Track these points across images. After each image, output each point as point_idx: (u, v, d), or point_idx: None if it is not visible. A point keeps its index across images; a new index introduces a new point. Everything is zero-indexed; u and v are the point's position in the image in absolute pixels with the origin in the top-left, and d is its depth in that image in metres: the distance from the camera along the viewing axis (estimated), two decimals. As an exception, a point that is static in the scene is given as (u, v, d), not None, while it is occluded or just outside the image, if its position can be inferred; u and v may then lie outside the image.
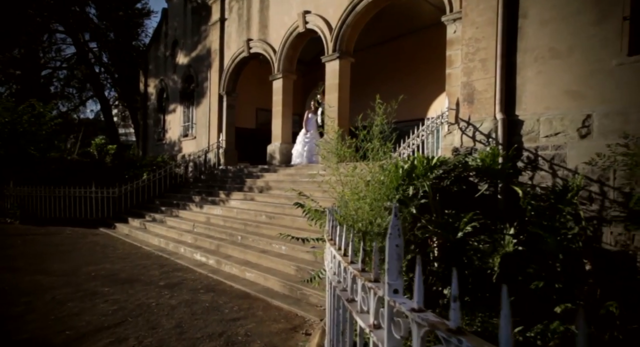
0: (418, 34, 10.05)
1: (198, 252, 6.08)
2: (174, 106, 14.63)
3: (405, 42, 10.38)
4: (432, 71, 9.66)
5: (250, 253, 5.45)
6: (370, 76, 10.98)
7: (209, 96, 12.39)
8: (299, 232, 5.45)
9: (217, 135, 11.95)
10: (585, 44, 4.54)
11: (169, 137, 15.03)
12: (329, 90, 8.22)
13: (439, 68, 9.47)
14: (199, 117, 13.09)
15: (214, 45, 12.06)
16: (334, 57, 8.02)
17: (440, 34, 9.71)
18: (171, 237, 7.42)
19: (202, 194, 9.44)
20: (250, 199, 7.84)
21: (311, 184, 7.23)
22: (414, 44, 10.17)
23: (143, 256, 6.40)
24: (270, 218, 6.47)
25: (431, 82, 9.68)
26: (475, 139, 5.45)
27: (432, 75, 9.68)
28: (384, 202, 2.99)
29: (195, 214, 8.14)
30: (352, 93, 8.47)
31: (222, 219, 7.26)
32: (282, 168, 8.84)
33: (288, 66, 9.61)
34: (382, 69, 10.91)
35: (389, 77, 10.67)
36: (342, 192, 3.29)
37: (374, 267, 1.23)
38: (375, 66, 11.03)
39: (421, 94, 9.84)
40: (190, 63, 13.54)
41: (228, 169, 10.70)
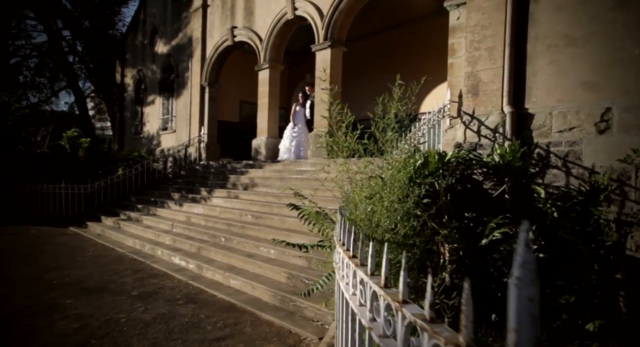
0: (414, 23, 9.63)
1: (177, 256, 5.52)
2: (152, 98, 13.84)
3: (399, 32, 9.95)
4: (429, 62, 9.27)
5: (235, 257, 4.92)
6: (361, 68, 10.52)
7: (190, 87, 11.70)
8: (290, 235, 4.96)
9: (199, 129, 11.29)
10: (604, 31, 4.19)
11: (147, 131, 14.24)
12: (319, 81, 7.72)
13: (437, 59, 9.10)
14: (179, 110, 12.38)
15: (196, 33, 11.37)
16: (325, 46, 7.52)
17: (438, 23, 9.29)
18: (147, 238, 6.81)
19: (182, 191, 8.82)
20: (235, 197, 7.29)
21: (301, 181, 6.74)
22: (409, 34, 9.74)
23: (115, 259, 5.79)
24: (256, 218, 5.95)
25: (428, 74, 9.28)
26: (480, 134, 5.06)
27: (429, 67, 9.29)
28: (401, 204, 2.53)
29: (174, 213, 7.53)
30: (343, 86, 7.99)
31: (204, 218, 6.69)
32: (268, 164, 8.31)
33: (275, 56, 9.06)
34: (374, 61, 10.46)
35: (382, 69, 10.22)
36: (352, 192, 2.80)
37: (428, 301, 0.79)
38: (367, 58, 10.56)
39: (432, 84, 9.43)
40: (170, 52, 12.79)
41: (210, 165, 10.09)
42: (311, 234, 4.80)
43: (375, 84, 10.33)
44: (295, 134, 8.76)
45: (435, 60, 9.06)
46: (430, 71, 9.49)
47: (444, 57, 8.88)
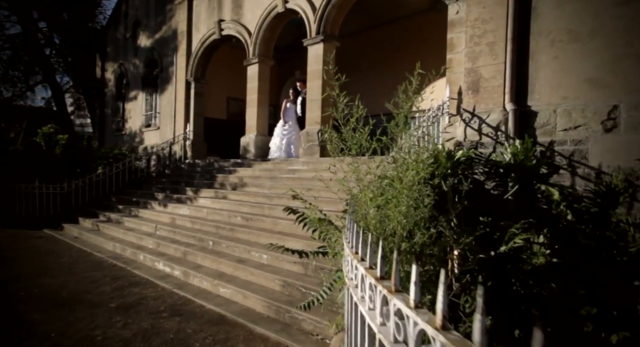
0: (407, 20, 9.41)
1: (161, 261, 5.17)
2: (134, 93, 13.31)
3: (392, 29, 9.72)
4: (423, 59, 9.07)
5: (224, 263, 4.61)
6: (352, 65, 10.24)
7: (174, 83, 11.25)
8: (283, 238, 4.68)
9: (184, 126, 10.87)
10: (611, 26, 4.03)
11: (129, 128, 13.70)
12: (311, 77, 7.44)
13: (431, 56, 8.91)
14: (163, 106, 11.91)
15: (181, 26, 10.93)
16: (318, 41, 7.24)
17: (432, 19, 9.10)
18: (129, 241, 6.42)
19: (166, 191, 8.42)
20: (223, 197, 6.96)
21: (292, 180, 6.45)
22: (402, 31, 9.51)
23: (93, 265, 5.40)
24: (246, 220, 5.65)
25: (437, 65, 9.09)
26: (481, 132, 4.87)
27: (423, 64, 9.10)
28: (419, 209, 2.28)
29: (158, 214, 7.15)
30: (335, 81, 7.72)
31: (190, 220, 6.34)
32: (257, 163, 7.99)
33: (265, 50, 8.72)
34: (365, 58, 10.22)
35: (373, 66, 10.01)
36: (361, 195, 2.55)
37: None
38: (358, 55, 10.31)
39: (425, 81, 9.23)
40: (153, 46, 12.29)
41: (196, 163, 9.70)
42: (307, 238, 4.53)
43: (366, 82, 10.12)
44: (286, 132, 8.46)
45: (430, 57, 8.89)
46: (425, 68, 9.29)
47: (439, 53, 8.73)
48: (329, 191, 5.68)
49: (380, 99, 9.73)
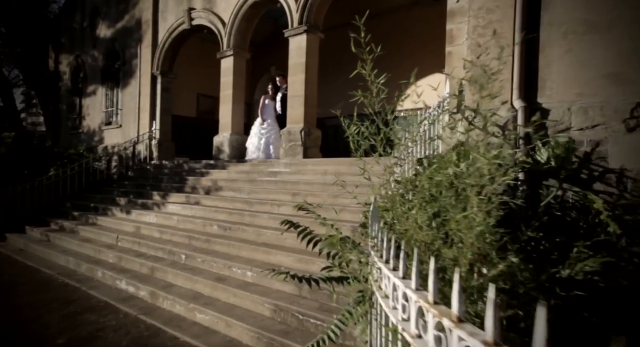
0: (392, 14, 9.01)
1: (123, 279, 4.40)
2: (93, 88, 12.16)
3: (376, 23, 9.24)
4: (410, 55, 8.70)
5: (201, 281, 3.93)
6: (332, 61, 9.73)
7: (138, 77, 10.30)
8: (269, 251, 4.06)
9: (149, 124, 9.95)
10: (632, 16, 3.73)
11: (86, 125, 12.52)
12: (293, 70, 6.85)
13: (418, 51, 8.56)
14: (125, 102, 10.90)
15: (146, 14, 10.00)
16: (300, 31, 6.65)
17: (417, 13, 8.75)
18: (85, 254, 5.56)
19: (130, 196, 7.54)
20: (195, 202, 6.22)
21: (275, 184, 5.83)
22: (387, 25, 9.09)
23: (39, 285, 4.54)
24: (224, 229, 4.96)
25: (410, 67, 8.70)
26: (487, 131, 4.46)
27: (410, 60, 8.71)
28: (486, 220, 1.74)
29: (120, 222, 6.30)
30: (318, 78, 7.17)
31: (158, 229, 5.57)
32: (233, 164, 7.29)
33: (240, 41, 8.03)
34: (350, 53, 9.70)
35: (355, 63, 9.53)
36: (394, 202, 1.99)
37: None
38: (338, 50, 9.77)
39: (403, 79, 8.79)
40: (114, 36, 11.24)
41: (163, 165, 8.84)
42: (297, 251, 3.94)
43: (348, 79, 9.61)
44: (265, 131, 7.80)
45: (417, 53, 8.53)
46: (412, 64, 8.93)
47: (426, 49, 8.41)
48: (318, 196, 5.12)
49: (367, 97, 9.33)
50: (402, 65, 8.99)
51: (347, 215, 4.34)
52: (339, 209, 4.63)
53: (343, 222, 4.06)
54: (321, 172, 5.64)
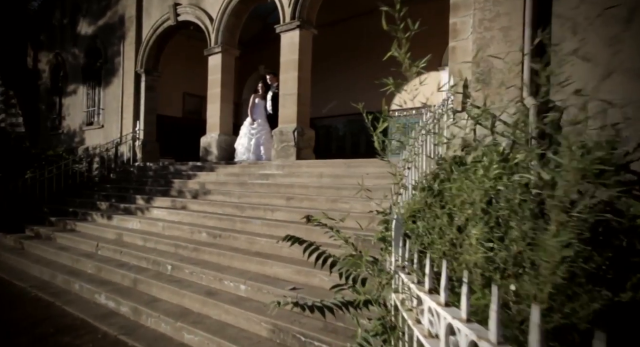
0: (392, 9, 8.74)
1: (103, 293, 4.01)
2: (74, 87, 11.62)
3: (368, 20, 8.96)
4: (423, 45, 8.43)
5: (189, 296, 3.57)
6: (329, 59, 9.42)
7: (121, 75, 9.84)
8: (264, 262, 3.73)
9: (133, 124, 9.49)
10: (650, 8, 3.53)
11: (67, 126, 11.96)
12: (285, 68, 6.52)
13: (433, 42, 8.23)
14: (108, 101, 10.41)
15: (129, 11, 9.56)
16: (293, 27, 6.33)
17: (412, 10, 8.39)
18: (61, 264, 5.13)
19: (112, 200, 7.11)
20: (182, 207, 5.84)
21: (267, 187, 5.50)
22: (380, 23, 8.79)
23: (10, 300, 4.12)
24: (214, 237, 4.60)
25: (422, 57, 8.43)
26: (495, 131, 4.21)
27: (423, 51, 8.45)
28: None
29: (101, 229, 5.87)
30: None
31: (141, 236, 5.17)
32: (222, 166, 6.92)
33: (229, 38, 7.68)
34: (342, 51, 9.42)
35: (348, 61, 9.25)
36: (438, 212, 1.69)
37: None
38: (331, 48, 9.50)
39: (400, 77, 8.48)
40: (96, 33, 10.75)
41: (147, 167, 8.41)
42: (296, 262, 3.61)
43: (341, 78, 9.35)
44: (255, 131, 7.45)
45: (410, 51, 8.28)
46: (400, 64, 8.62)
47: (420, 47, 8.15)
48: (315, 201, 4.80)
49: (357, 96, 8.97)
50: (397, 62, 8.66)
51: (350, 222, 4.02)
52: (340, 215, 4.33)
53: (346, 229, 3.75)
54: (317, 175, 5.33)
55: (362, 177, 5.03)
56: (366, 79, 9.10)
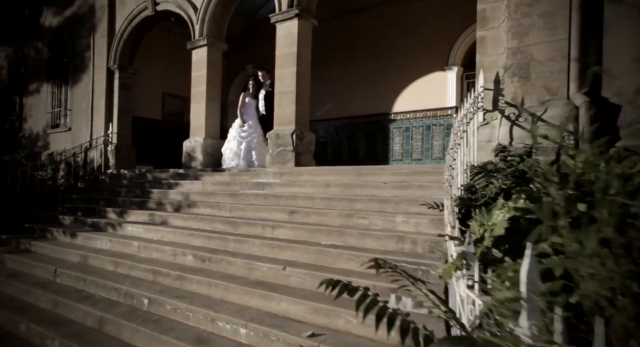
0: (384, 6, 8.09)
1: (57, 337, 3.10)
2: (36, 85, 10.48)
3: (374, 15, 8.29)
4: (404, 52, 7.84)
5: (172, 343, 2.74)
6: (325, 57, 8.67)
7: (91, 71, 8.84)
8: (269, 296, 2.95)
9: (105, 127, 8.51)
10: None
11: (28, 128, 10.78)
12: (281, 63, 5.77)
13: (413, 48, 7.68)
14: (76, 101, 9.37)
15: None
16: (291, 16, 5.60)
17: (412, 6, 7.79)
18: (7, 295, 4.15)
19: (77, 213, 6.14)
20: (162, 222, 4.96)
21: (264, 198, 4.70)
22: (387, 17, 8.10)
23: None
24: (202, 260, 3.77)
25: (404, 65, 7.83)
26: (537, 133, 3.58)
27: (404, 58, 7.86)
28: None
29: (62, 249, 4.91)
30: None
31: (112, 259, 4.27)
32: (208, 173, 6.08)
33: (215, 29, 6.87)
34: (341, 48, 8.70)
35: (352, 57, 8.54)
36: None
37: None
38: (333, 45, 8.73)
39: (411, 76, 7.82)
40: (62, 25, 9.70)
41: (122, 174, 7.45)
42: (309, 296, 2.83)
43: (336, 79, 8.65)
44: (246, 134, 6.63)
45: (412, 50, 7.70)
46: (409, 61, 8.07)
47: (423, 46, 7.59)
48: (324, 215, 4.04)
49: (354, 98, 8.27)
50: (398, 61, 8.13)
51: (371, 241, 3.29)
52: (358, 232, 3.60)
53: (368, 252, 3.02)
54: (322, 184, 4.57)
55: (377, 186, 4.35)
56: (363, 79, 8.46)
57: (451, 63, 7.27)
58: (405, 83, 7.84)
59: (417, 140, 7.69)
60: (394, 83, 7.95)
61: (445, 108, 7.34)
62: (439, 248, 2.84)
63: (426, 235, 3.10)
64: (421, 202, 3.42)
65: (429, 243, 2.94)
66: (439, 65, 7.40)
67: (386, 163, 8.00)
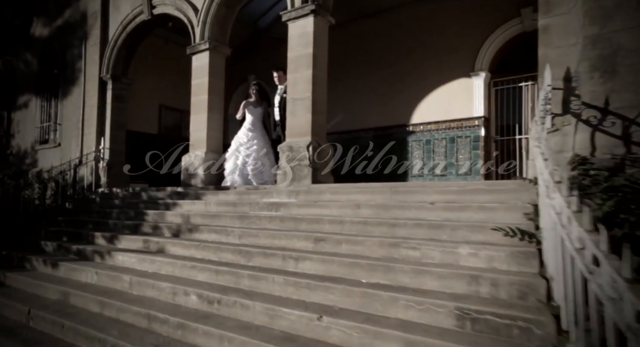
0: (392, 12, 7.55)
1: None
2: (25, 99, 9.82)
3: (394, 18, 7.67)
4: (419, 61, 7.24)
5: None
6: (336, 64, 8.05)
7: (83, 82, 8.20)
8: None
9: (96, 142, 7.82)
10: None
11: (16, 145, 10.07)
12: (294, 66, 5.12)
13: (428, 56, 7.08)
14: (66, 115, 8.69)
15: (93, 5, 8.04)
16: (306, 12, 4.98)
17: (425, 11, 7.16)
18: (-31, 348, 3.36)
19: (62, 238, 5.39)
20: (158, 250, 4.21)
21: (280, 222, 3.96)
22: (409, 19, 7.46)
23: None
24: (209, 302, 3.01)
25: (421, 74, 7.22)
26: (630, 140, 2.90)
27: (418, 67, 7.26)
28: None
29: (40, 284, 4.13)
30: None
31: (97, 298, 3.49)
32: (210, 192, 5.35)
33: (218, 33, 6.25)
34: (352, 56, 8.06)
35: (365, 65, 7.91)
36: None
37: None
38: (344, 52, 8.09)
39: (432, 84, 7.16)
40: (53, 35, 9.11)
41: (114, 193, 6.71)
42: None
43: (347, 88, 8.02)
44: (244, 147, 5.94)
45: (433, 55, 7.09)
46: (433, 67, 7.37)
47: (445, 51, 6.98)
48: (360, 244, 3.30)
49: (367, 109, 7.59)
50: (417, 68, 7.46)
51: (431, 281, 2.55)
52: (411, 269, 2.85)
53: (429, 296, 2.25)
54: (350, 205, 3.86)
55: (422, 208, 3.63)
56: (377, 89, 7.82)
57: (478, 68, 6.66)
58: (425, 92, 7.21)
59: (439, 154, 7.02)
60: (413, 92, 7.31)
61: (471, 118, 6.70)
62: (534, 294, 2.11)
63: (507, 274, 2.37)
64: (491, 227, 2.71)
65: (517, 286, 2.21)
66: (463, 71, 6.79)
67: (404, 179, 7.31)
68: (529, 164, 3.51)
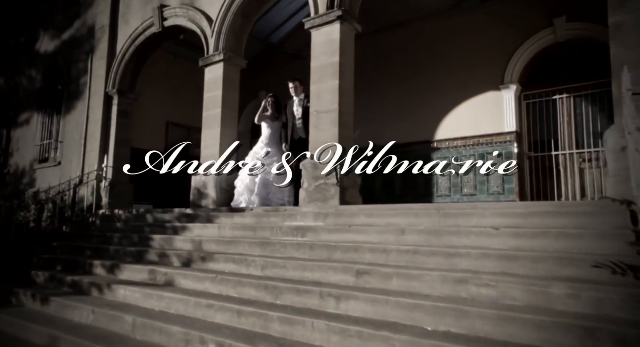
0: (438, 18, 7.10)
1: None
2: (27, 116, 9.43)
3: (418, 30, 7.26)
4: (438, 75, 6.83)
5: None
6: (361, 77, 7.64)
7: (87, 98, 7.80)
8: None
9: (99, 160, 7.34)
10: None
11: (14, 164, 9.60)
12: (319, 76, 4.67)
13: (490, 56, 6.50)
14: (68, 132, 8.26)
15: (101, 19, 7.73)
16: (332, 19, 4.57)
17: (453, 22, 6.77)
18: None
19: (57, 267, 4.81)
20: (166, 283, 3.62)
21: (308, 250, 3.38)
22: (433, 31, 7.06)
23: None
24: (233, 355, 2.42)
25: (443, 89, 6.79)
26: None
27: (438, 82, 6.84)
28: None
29: (25, 324, 3.53)
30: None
31: (94, 346, 2.90)
32: (224, 214, 4.81)
33: (234, 43, 5.86)
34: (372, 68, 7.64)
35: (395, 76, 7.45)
36: None
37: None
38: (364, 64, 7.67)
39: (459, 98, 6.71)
40: (59, 50, 8.80)
41: (116, 216, 6.17)
42: None
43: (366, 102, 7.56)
44: (267, 163, 5.43)
45: (459, 68, 6.68)
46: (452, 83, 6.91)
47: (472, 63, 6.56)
48: (416, 279, 2.71)
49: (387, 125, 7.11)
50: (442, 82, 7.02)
51: (523, 331, 1.97)
52: (495, 315, 2.25)
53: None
54: (392, 230, 3.30)
55: (482, 234, 3.07)
56: (399, 104, 7.38)
57: (507, 81, 6.23)
58: (451, 106, 6.76)
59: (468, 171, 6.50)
60: (437, 107, 6.86)
61: (502, 134, 6.22)
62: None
63: (634, 326, 1.79)
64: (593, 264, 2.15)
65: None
66: (492, 84, 6.36)
67: (430, 199, 6.77)
68: (609, 182, 2.98)
